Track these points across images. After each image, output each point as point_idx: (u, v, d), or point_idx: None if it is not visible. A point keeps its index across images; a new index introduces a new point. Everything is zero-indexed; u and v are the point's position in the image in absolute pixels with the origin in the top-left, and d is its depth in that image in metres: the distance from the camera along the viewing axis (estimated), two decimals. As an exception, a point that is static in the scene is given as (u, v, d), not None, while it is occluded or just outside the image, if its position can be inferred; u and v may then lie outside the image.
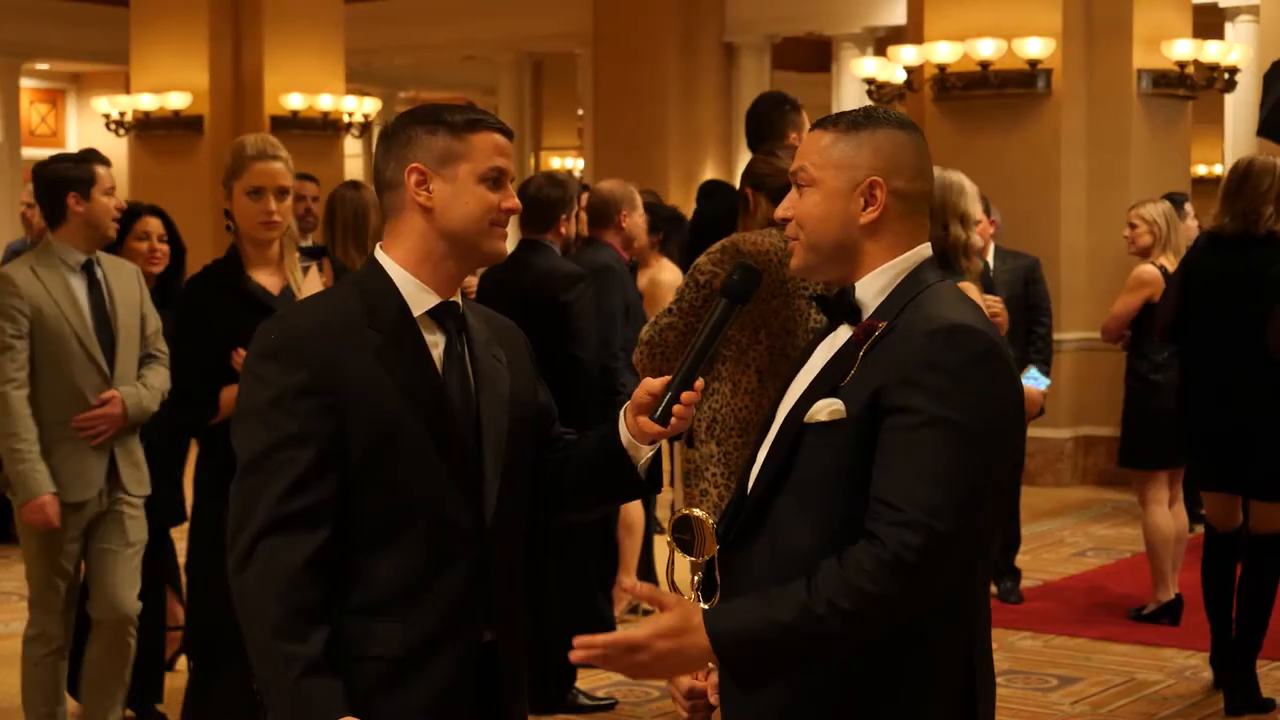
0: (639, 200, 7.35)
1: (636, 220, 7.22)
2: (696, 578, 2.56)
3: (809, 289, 4.69)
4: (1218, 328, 6.28)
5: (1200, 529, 6.99)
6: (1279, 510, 6.20)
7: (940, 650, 2.47)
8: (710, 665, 2.56)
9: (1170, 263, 7.46)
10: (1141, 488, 7.65)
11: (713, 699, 2.60)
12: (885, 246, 2.56)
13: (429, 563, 2.69)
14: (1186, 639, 7.16)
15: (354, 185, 6.59)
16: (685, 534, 2.57)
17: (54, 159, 5.49)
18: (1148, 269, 7.54)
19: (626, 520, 7.28)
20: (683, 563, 2.65)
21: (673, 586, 2.56)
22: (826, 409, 2.46)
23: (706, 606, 2.52)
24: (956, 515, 2.35)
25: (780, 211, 2.61)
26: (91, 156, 5.45)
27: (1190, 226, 9.15)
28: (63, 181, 5.32)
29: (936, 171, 5.34)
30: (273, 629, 2.61)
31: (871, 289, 2.56)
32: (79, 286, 5.30)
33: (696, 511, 2.56)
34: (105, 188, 5.31)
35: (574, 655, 2.48)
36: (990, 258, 8.11)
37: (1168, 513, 7.53)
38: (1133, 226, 7.71)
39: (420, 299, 2.76)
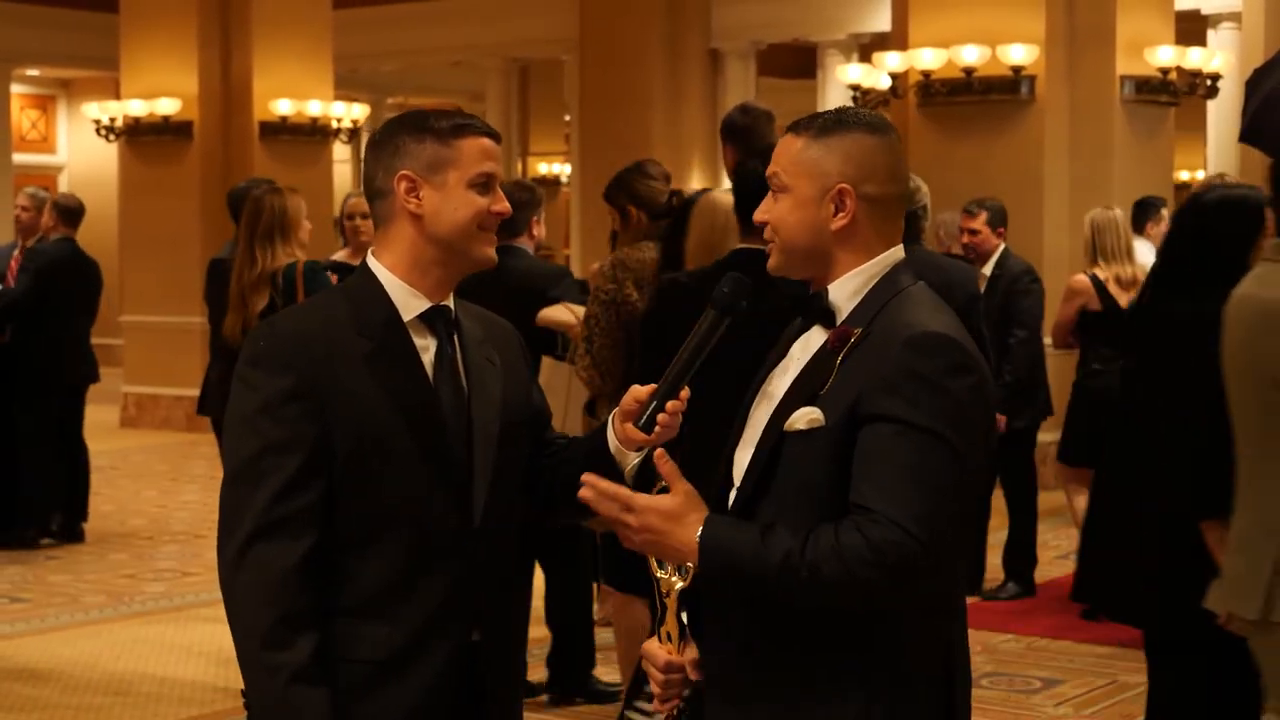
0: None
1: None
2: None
3: None
4: None
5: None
6: None
7: (917, 635, 2.49)
8: (685, 642, 2.61)
9: (1102, 270, 7.68)
10: (1074, 479, 8.14)
11: (692, 675, 2.61)
12: (857, 251, 2.57)
13: (415, 564, 2.70)
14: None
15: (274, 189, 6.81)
16: None
17: None
18: (1078, 278, 7.80)
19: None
20: None
21: (659, 567, 2.61)
22: (805, 418, 2.48)
23: (683, 585, 2.57)
24: (932, 521, 2.37)
25: (758, 215, 2.63)
26: None
27: (1170, 232, 9.21)
28: None
29: None
30: (259, 636, 2.63)
31: (845, 292, 2.57)
32: None
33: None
34: None
35: (582, 493, 2.53)
36: (991, 266, 8.22)
37: None
38: None
39: (411, 304, 2.78)
